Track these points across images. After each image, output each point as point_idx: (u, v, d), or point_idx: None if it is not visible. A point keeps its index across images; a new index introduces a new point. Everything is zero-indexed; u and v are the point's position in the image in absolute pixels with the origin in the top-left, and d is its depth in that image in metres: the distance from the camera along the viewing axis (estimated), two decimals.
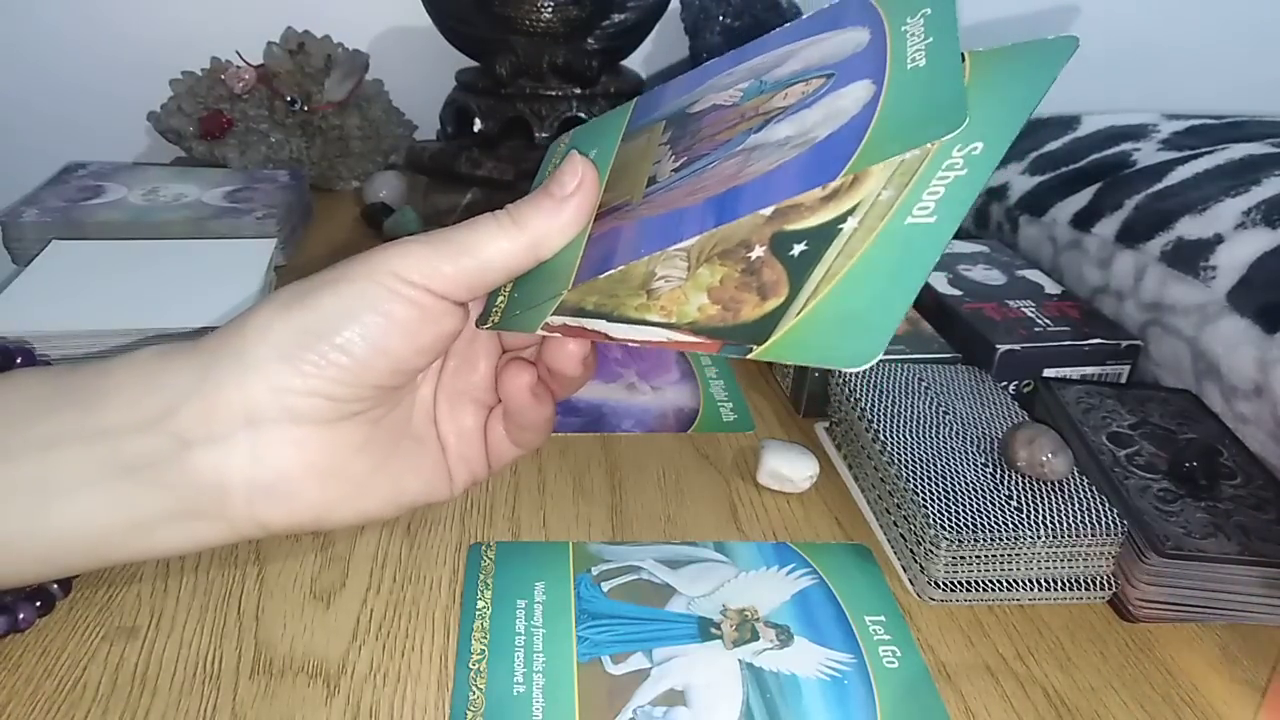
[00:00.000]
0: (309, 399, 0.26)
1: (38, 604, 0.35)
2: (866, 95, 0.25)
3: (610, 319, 0.27)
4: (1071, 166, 0.65)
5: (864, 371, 0.48)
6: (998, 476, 0.40)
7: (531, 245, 0.27)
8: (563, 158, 0.29)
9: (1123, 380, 0.51)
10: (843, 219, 0.24)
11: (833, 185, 0.24)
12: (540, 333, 0.28)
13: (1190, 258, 0.50)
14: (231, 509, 0.26)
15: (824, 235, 0.24)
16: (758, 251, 0.25)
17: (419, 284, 0.26)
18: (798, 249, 0.24)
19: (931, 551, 0.38)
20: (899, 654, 0.36)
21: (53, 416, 0.26)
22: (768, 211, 0.24)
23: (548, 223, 0.27)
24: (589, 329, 0.27)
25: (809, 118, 0.26)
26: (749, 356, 0.25)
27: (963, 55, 0.25)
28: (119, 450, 0.26)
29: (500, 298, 0.29)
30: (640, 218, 0.27)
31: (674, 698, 0.33)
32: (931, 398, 0.46)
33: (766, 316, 0.25)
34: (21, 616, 0.34)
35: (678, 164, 0.28)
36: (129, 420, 0.26)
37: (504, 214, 0.28)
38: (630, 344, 0.28)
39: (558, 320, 0.27)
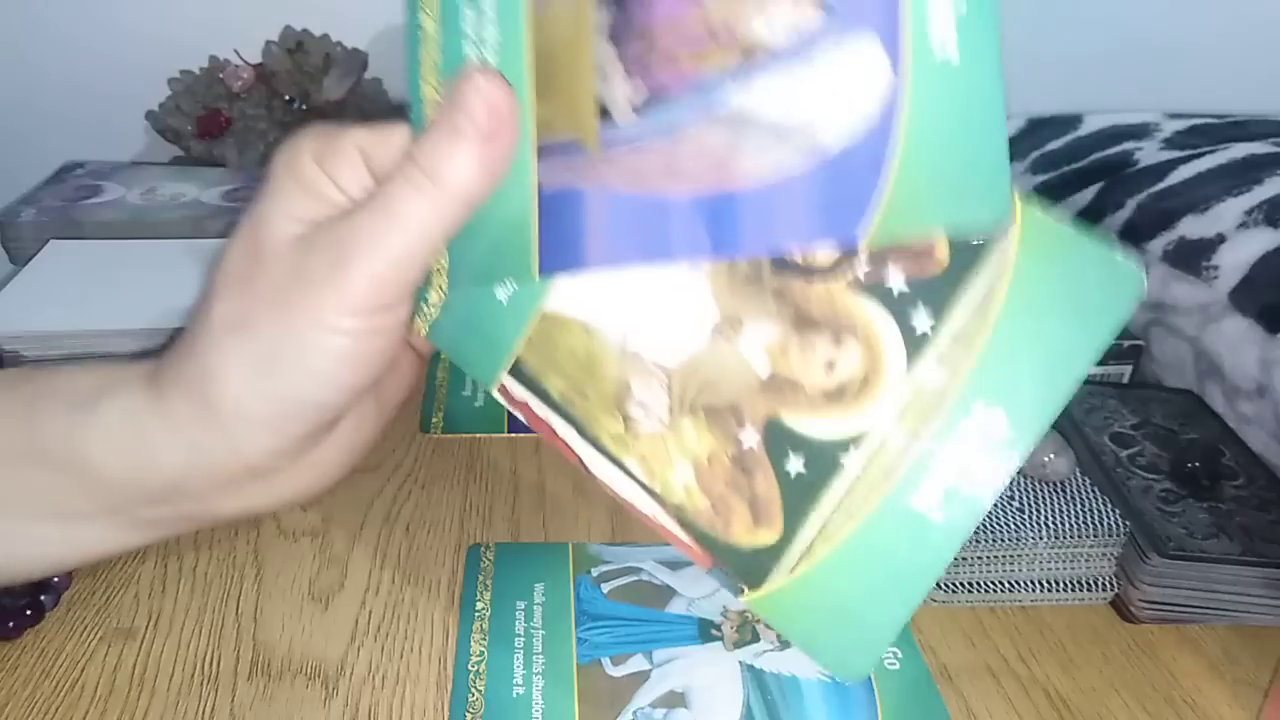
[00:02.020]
0: (303, 444, 0.26)
1: (55, 580, 0.36)
2: (883, 85, 0.20)
3: (583, 434, 0.24)
4: (1073, 166, 0.65)
5: None
6: None
7: (462, 201, 0.24)
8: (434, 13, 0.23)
9: (1125, 380, 0.51)
10: (845, 447, 0.22)
11: (840, 377, 0.21)
12: (497, 396, 0.25)
13: (1192, 257, 0.50)
14: (262, 514, 0.29)
15: (824, 462, 0.22)
16: (750, 435, 0.22)
17: (369, 309, 0.24)
18: (795, 467, 0.22)
19: None
20: (900, 655, 0.36)
21: (50, 484, 0.26)
22: (764, 375, 0.22)
23: (467, 169, 0.23)
24: (559, 435, 0.24)
25: (805, 84, 0.21)
26: (741, 600, 0.23)
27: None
28: (136, 513, 0.27)
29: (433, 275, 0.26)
30: (607, 186, 0.23)
31: (674, 699, 0.33)
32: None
33: (759, 553, 0.22)
34: (57, 580, 0.35)
35: (637, 96, 0.22)
36: (139, 494, 0.26)
37: (413, 169, 0.24)
38: (612, 495, 0.24)
39: (519, 391, 0.25)
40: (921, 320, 0.21)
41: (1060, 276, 0.20)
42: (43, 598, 0.35)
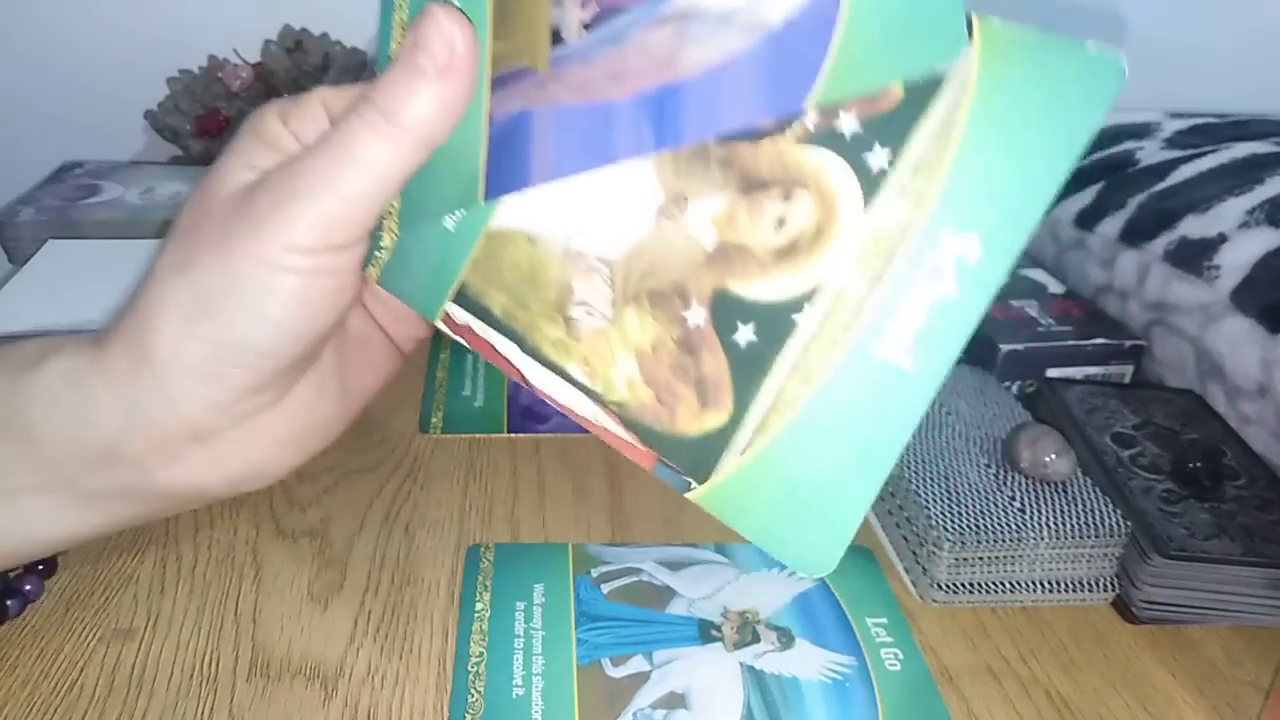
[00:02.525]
0: (247, 400, 0.25)
1: (40, 567, 0.36)
2: None
3: (523, 346, 0.23)
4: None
5: None
6: (1001, 477, 0.40)
7: (422, 142, 0.23)
8: None
9: (1126, 380, 0.51)
10: (798, 305, 0.20)
11: (790, 232, 0.19)
12: (441, 326, 0.24)
13: (1194, 257, 0.50)
14: (213, 498, 0.27)
15: (776, 324, 0.20)
16: (696, 314, 0.21)
17: (318, 248, 0.23)
18: (744, 336, 0.20)
19: (934, 553, 0.38)
20: (901, 656, 0.35)
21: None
22: (710, 248, 0.20)
23: (428, 109, 0.23)
24: (500, 352, 0.23)
25: None
26: (688, 496, 0.21)
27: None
28: (78, 483, 0.26)
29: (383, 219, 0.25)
30: (556, 102, 0.22)
31: (674, 700, 0.33)
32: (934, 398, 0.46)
33: (707, 439, 0.21)
34: (29, 588, 0.35)
35: (587, 14, 0.22)
36: (77, 456, 0.25)
37: (370, 110, 0.23)
38: (552, 404, 0.23)
39: (461, 315, 0.24)
40: (878, 158, 0.19)
41: (1027, 82, 0.19)
42: (9, 602, 0.34)
